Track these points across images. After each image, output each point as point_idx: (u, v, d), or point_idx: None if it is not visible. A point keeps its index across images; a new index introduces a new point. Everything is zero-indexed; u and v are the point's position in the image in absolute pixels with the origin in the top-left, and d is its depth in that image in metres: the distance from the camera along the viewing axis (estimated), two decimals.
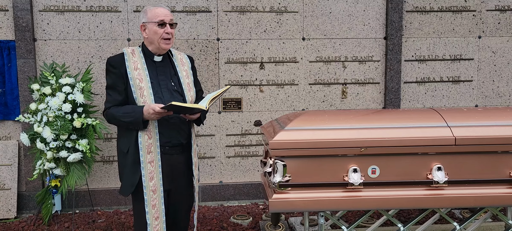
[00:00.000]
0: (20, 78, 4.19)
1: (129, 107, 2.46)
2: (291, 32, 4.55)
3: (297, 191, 2.56)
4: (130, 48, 2.55)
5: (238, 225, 3.92)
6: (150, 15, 2.50)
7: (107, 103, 2.52)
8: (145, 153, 2.46)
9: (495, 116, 2.83)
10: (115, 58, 2.52)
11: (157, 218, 2.53)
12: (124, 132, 2.54)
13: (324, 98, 4.67)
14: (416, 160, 2.59)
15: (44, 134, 3.72)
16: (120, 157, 2.57)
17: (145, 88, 2.47)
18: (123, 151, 2.53)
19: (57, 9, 4.22)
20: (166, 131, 2.53)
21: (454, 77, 4.80)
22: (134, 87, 2.46)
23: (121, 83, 2.48)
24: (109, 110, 2.49)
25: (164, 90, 2.54)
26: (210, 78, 4.49)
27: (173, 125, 2.55)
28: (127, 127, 2.48)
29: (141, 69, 2.50)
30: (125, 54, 2.51)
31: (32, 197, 4.28)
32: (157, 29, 2.48)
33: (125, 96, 2.49)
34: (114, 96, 2.49)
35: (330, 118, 2.81)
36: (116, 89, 2.49)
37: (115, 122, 2.50)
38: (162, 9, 2.52)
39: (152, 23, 2.48)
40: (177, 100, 2.52)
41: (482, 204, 2.64)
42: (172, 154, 2.57)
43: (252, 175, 4.67)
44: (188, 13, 4.40)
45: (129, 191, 2.52)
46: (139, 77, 2.48)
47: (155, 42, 2.51)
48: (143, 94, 2.46)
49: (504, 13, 4.76)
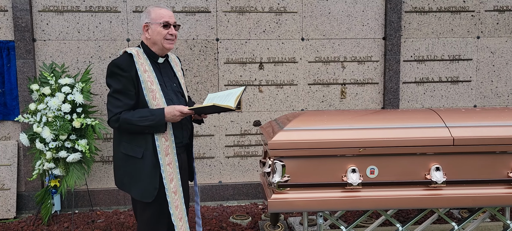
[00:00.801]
0: (20, 78, 4.19)
1: (145, 111, 2.38)
2: (290, 33, 4.56)
3: (296, 191, 2.57)
4: (134, 49, 2.48)
5: (237, 225, 3.92)
6: (154, 16, 2.47)
7: (116, 109, 2.38)
8: (164, 155, 2.43)
9: (494, 116, 2.84)
10: (123, 60, 2.42)
11: (181, 219, 2.53)
12: (133, 137, 2.43)
13: (323, 98, 4.68)
14: (414, 160, 2.60)
15: (43, 134, 3.73)
16: (130, 163, 2.45)
17: (157, 91, 2.43)
18: (134, 157, 2.43)
19: (57, 10, 4.23)
20: (178, 131, 2.53)
21: (453, 77, 4.81)
22: (146, 90, 2.40)
23: (132, 86, 2.39)
24: (120, 115, 2.37)
25: (170, 91, 2.54)
26: (209, 79, 4.50)
27: (183, 125, 2.57)
28: (142, 131, 2.39)
29: (149, 71, 2.45)
30: (134, 56, 2.44)
31: (31, 197, 4.29)
32: (161, 30, 2.46)
33: (136, 100, 2.42)
34: (125, 101, 2.38)
35: (329, 118, 2.82)
36: (127, 94, 2.39)
37: (129, 127, 2.38)
38: (166, 11, 2.51)
39: (156, 24, 2.46)
40: (181, 102, 2.56)
41: (480, 204, 2.65)
42: (180, 154, 2.59)
43: (251, 175, 4.68)
44: (187, 14, 4.41)
45: (153, 195, 2.43)
46: (150, 79, 2.43)
47: (158, 42, 2.48)
48: (155, 97, 2.42)
49: (503, 14, 4.77)
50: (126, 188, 2.51)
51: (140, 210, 2.54)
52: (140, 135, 2.42)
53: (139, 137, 2.42)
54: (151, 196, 2.44)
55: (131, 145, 2.44)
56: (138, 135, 2.42)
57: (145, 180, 2.44)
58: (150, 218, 2.52)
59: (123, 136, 2.46)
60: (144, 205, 2.49)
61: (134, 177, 2.46)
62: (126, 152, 2.45)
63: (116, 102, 2.39)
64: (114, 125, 2.40)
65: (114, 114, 2.39)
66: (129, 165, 2.46)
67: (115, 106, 2.39)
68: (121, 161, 2.49)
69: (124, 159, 2.47)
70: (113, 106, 2.39)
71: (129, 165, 2.46)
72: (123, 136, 2.46)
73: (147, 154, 2.42)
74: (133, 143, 2.43)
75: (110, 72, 2.42)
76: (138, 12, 4.33)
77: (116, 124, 2.39)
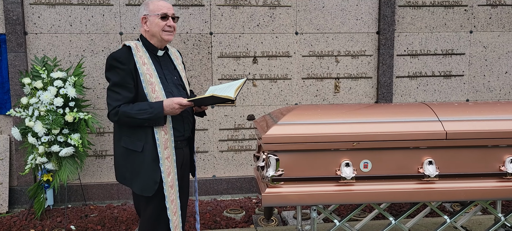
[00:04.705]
0: (11, 72, 4.15)
1: (143, 104, 2.37)
2: (284, 27, 4.55)
3: (290, 185, 2.57)
4: (133, 42, 2.47)
5: (231, 219, 3.93)
6: (152, 8, 2.47)
7: (115, 102, 2.37)
8: (163, 149, 2.43)
9: (486, 110, 2.86)
10: (121, 53, 2.41)
11: (175, 213, 2.52)
12: (133, 131, 2.42)
13: (317, 92, 4.68)
14: (407, 154, 2.61)
15: (35, 128, 3.70)
16: (130, 157, 2.45)
17: (156, 84, 2.43)
18: (134, 150, 2.43)
19: (48, 3, 4.18)
20: (179, 125, 2.53)
21: (446, 71, 4.83)
22: (145, 83, 2.39)
23: (131, 79, 2.38)
24: (119, 108, 2.36)
25: (171, 84, 2.53)
26: (203, 73, 4.48)
27: (185, 118, 2.56)
28: (141, 124, 2.38)
29: (148, 64, 2.44)
30: (132, 48, 2.43)
31: (24, 191, 4.26)
32: (160, 21, 2.46)
33: (136, 93, 2.40)
34: (124, 94, 2.37)
35: (322, 112, 2.82)
36: (126, 87, 2.38)
37: (128, 120, 2.37)
38: (164, 2, 2.50)
39: (154, 16, 2.46)
40: (182, 95, 2.55)
41: (472, 197, 2.67)
42: (182, 148, 2.59)
43: (245, 169, 4.68)
44: (181, 7, 4.38)
45: (153, 189, 2.43)
46: (148, 72, 2.42)
47: (157, 34, 2.48)
48: (155, 90, 2.41)
49: (495, 8, 4.80)
50: (128, 182, 2.51)
51: (143, 206, 2.54)
52: (140, 129, 2.41)
53: (139, 130, 2.42)
54: (152, 190, 2.44)
55: (131, 139, 2.43)
56: (138, 129, 2.42)
57: (145, 174, 2.44)
58: (152, 214, 2.51)
59: (123, 130, 2.46)
60: (147, 201, 2.49)
61: (135, 171, 2.46)
62: (127, 146, 2.44)
63: (115, 95, 2.39)
64: (114, 118, 2.39)
65: (113, 108, 2.38)
66: (130, 159, 2.46)
67: (114, 100, 2.38)
68: (121, 156, 2.49)
69: (125, 153, 2.46)
70: (112, 100, 2.39)
71: (129, 159, 2.46)
72: (123, 130, 2.46)
73: (147, 148, 2.42)
74: (133, 136, 2.43)
75: (109, 65, 2.41)
76: (131, 5, 4.29)
77: (115, 117, 2.38)
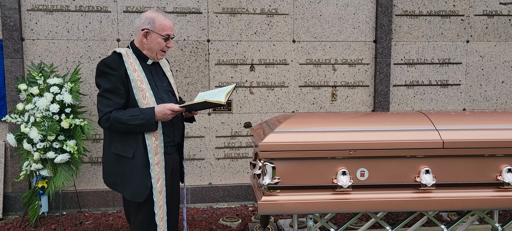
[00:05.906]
0: (7, 78, 4.13)
1: (135, 110, 2.38)
2: (281, 35, 4.56)
3: (286, 193, 2.56)
4: (123, 49, 2.49)
5: (227, 227, 3.90)
6: (157, 26, 2.47)
7: (106, 108, 2.37)
8: (153, 155, 2.43)
9: (483, 119, 2.86)
10: (112, 60, 2.41)
11: (162, 219, 2.52)
12: (124, 137, 2.42)
13: (314, 100, 4.68)
14: (404, 163, 2.60)
15: (31, 135, 3.68)
16: (122, 163, 2.44)
17: (147, 90, 2.44)
18: (125, 157, 2.42)
19: (46, 9, 4.18)
20: (170, 131, 2.53)
21: (443, 81, 4.84)
22: (136, 89, 2.40)
23: (122, 85, 2.38)
24: (111, 114, 2.36)
25: (161, 91, 2.54)
26: (200, 80, 4.48)
27: (175, 124, 2.57)
28: (132, 130, 2.38)
29: (138, 70, 2.45)
30: (123, 55, 2.44)
31: (18, 198, 4.23)
32: (161, 41, 2.49)
33: (127, 99, 2.41)
34: (115, 100, 2.38)
35: (319, 121, 2.82)
36: (117, 93, 2.38)
37: (119, 126, 2.37)
38: (170, 22, 2.52)
39: (158, 35, 2.48)
40: (172, 101, 2.57)
41: (469, 207, 2.67)
42: (171, 154, 2.59)
43: (241, 177, 4.66)
44: (178, 14, 4.38)
45: (144, 195, 2.43)
46: (139, 79, 2.43)
47: (154, 51, 2.52)
48: (146, 96, 2.42)
49: (492, 18, 4.82)
50: (119, 188, 2.50)
51: (134, 212, 2.53)
52: (131, 135, 2.41)
53: (130, 136, 2.41)
54: (143, 196, 2.43)
55: (122, 145, 2.43)
56: (129, 135, 2.41)
57: (136, 180, 2.43)
58: (143, 221, 2.50)
59: (114, 136, 2.45)
60: (137, 207, 2.48)
61: (126, 177, 2.45)
62: (117, 151, 2.44)
63: (106, 101, 2.38)
64: (105, 124, 2.39)
65: (104, 114, 2.37)
66: (121, 165, 2.45)
67: (105, 106, 2.38)
68: (112, 161, 2.48)
69: (116, 159, 2.46)
70: (103, 106, 2.39)
71: (120, 165, 2.45)
72: (114, 136, 2.45)
73: (138, 154, 2.42)
74: (124, 142, 2.43)
75: (100, 71, 2.41)
76: (129, 12, 4.29)
77: (106, 124, 2.38)
